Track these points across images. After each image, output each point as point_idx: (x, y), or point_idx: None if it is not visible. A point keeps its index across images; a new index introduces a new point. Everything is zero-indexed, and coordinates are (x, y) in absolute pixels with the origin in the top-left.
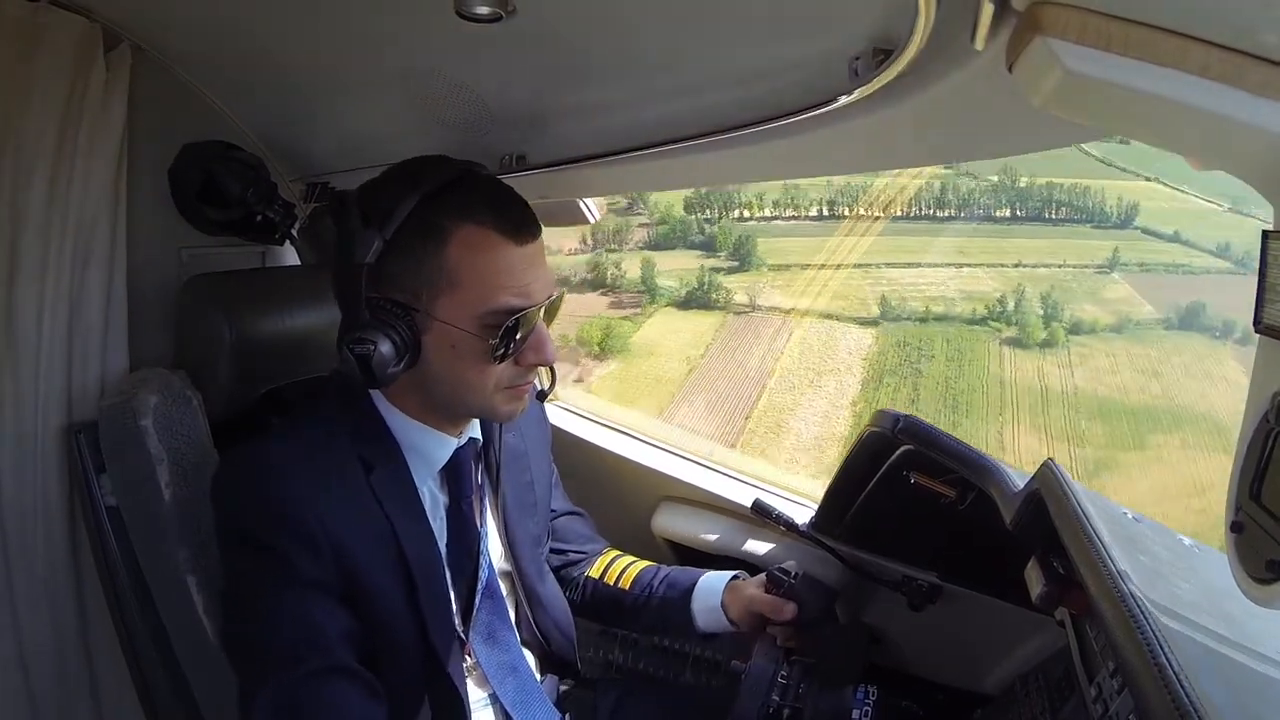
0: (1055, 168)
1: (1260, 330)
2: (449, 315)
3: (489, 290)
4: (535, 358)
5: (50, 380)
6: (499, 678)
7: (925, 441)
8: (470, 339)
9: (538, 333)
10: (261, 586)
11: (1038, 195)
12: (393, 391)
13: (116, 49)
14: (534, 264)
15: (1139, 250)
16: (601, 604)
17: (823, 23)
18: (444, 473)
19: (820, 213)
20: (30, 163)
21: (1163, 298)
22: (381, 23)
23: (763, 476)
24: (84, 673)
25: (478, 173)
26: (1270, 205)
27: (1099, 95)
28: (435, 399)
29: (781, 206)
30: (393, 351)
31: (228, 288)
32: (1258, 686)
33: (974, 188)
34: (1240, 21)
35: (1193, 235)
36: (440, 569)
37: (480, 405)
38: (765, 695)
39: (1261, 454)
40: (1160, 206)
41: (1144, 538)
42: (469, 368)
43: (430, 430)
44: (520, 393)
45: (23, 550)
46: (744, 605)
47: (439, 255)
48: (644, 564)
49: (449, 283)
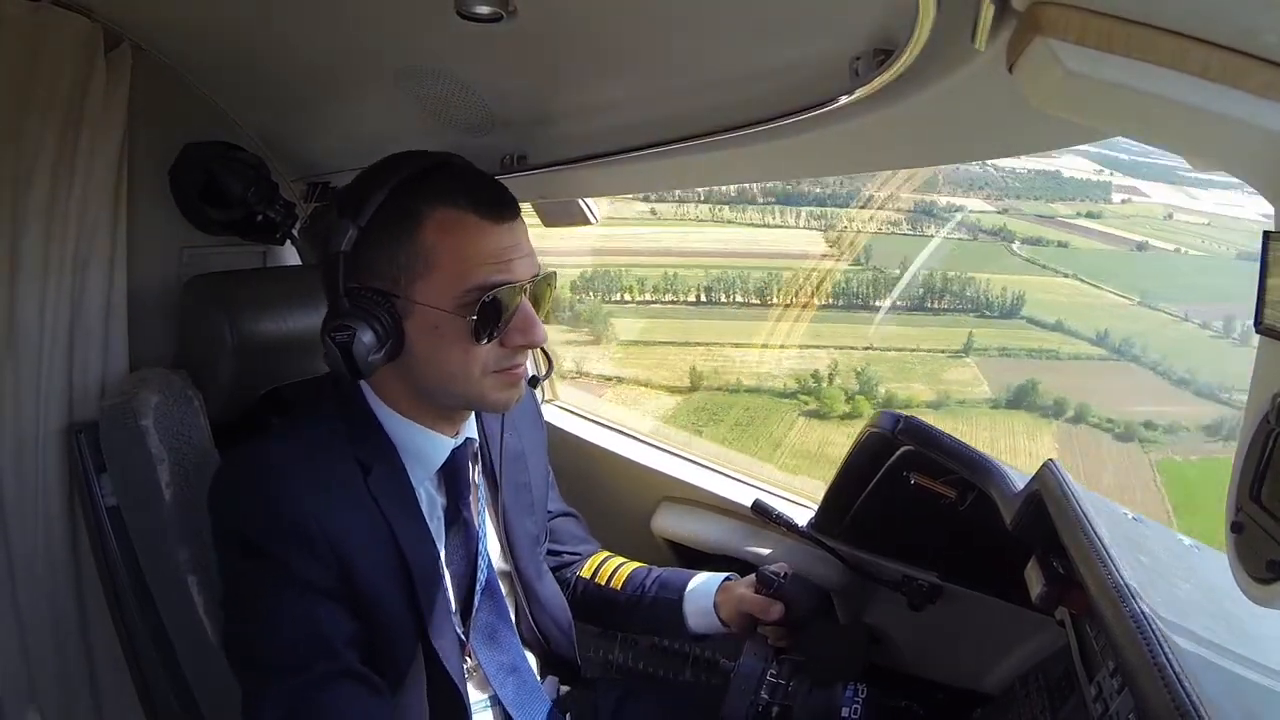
0: (982, 265)
1: (1260, 331)
2: (428, 298)
3: (466, 268)
4: (522, 339)
5: (51, 380)
6: (499, 678)
7: (925, 442)
8: (451, 319)
9: (523, 312)
10: (262, 591)
11: (922, 285)
12: (384, 388)
13: (117, 49)
14: (513, 241)
15: (1016, 337)
16: (593, 604)
17: (823, 23)
18: (441, 474)
19: (698, 299)
20: (31, 162)
21: (1005, 379)
22: (382, 22)
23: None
24: (84, 672)
25: (452, 160)
26: (1271, 205)
27: (1099, 96)
28: (424, 390)
29: (660, 292)
30: (374, 339)
31: (228, 288)
32: (1260, 699)
33: (867, 278)
34: (1242, 23)
35: (1075, 325)
36: (439, 570)
37: (469, 392)
38: (754, 693)
39: (1261, 454)
40: (1057, 300)
41: (1144, 538)
42: (453, 350)
43: (426, 430)
44: (511, 379)
45: (23, 550)
46: (734, 605)
47: (414, 239)
48: (635, 564)
49: (426, 265)
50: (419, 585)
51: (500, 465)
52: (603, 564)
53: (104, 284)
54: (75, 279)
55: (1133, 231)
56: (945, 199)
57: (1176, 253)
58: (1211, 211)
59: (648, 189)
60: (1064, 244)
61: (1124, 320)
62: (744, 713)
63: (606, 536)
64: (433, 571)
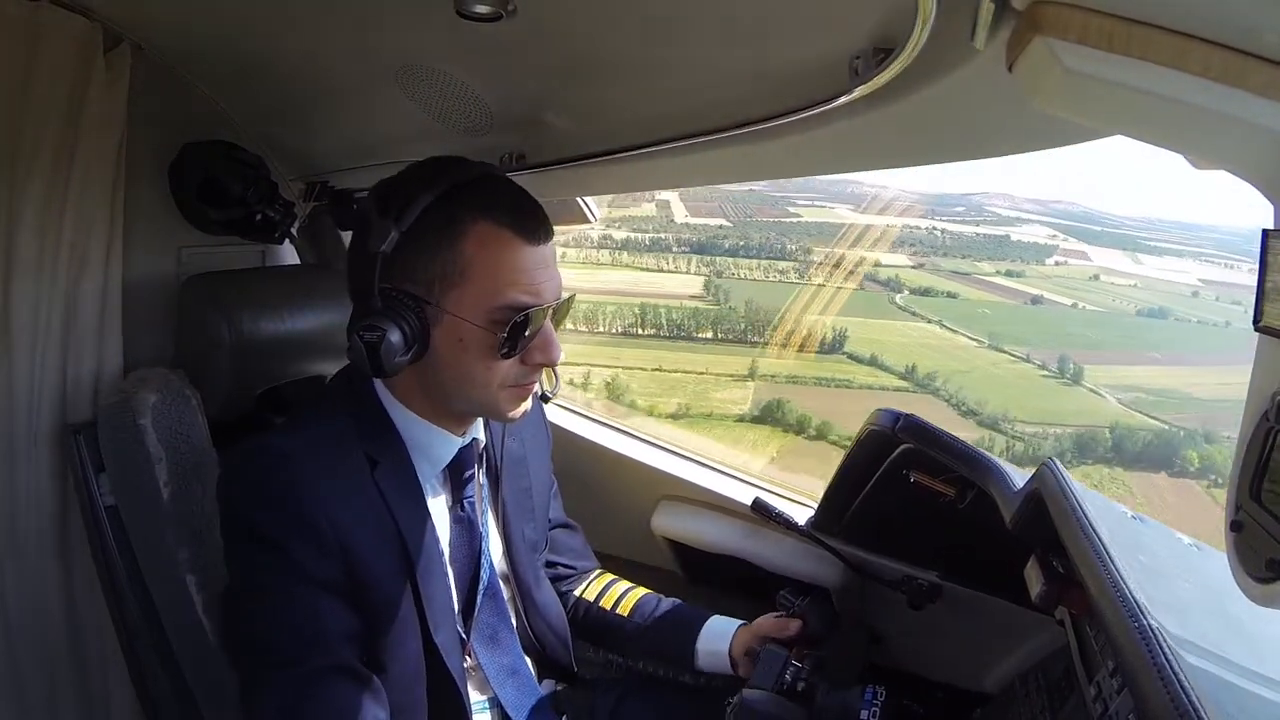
0: (852, 310)
1: (1260, 330)
2: (459, 309)
3: (501, 286)
4: (541, 357)
5: (46, 379)
6: (499, 680)
7: (925, 440)
8: (479, 333)
9: (544, 333)
10: (266, 581)
11: (751, 320)
12: (400, 387)
13: (116, 49)
14: (546, 265)
15: (832, 369)
16: (596, 627)
17: (823, 22)
18: (447, 471)
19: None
20: (29, 162)
21: (793, 401)
22: (381, 22)
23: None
24: (82, 672)
25: (496, 174)
26: (1271, 205)
27: (1099, 95)
28: (441, 394)
29: None
30: (402, 341)
31: (227, 287)
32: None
33: (711, 314)
34: (1242, 22)
35: (888, 360)
36: (442, 566)
37: (484, 402)
38: (780, 673)
39: (1261, 454)
40: (905, 341)
41: (1144, 537)
42: (475, 362)
43: (435, 428)
44: (524, 393)
45: (21, 550)
46: (750, 633)
47: (454, 249)
48: (644, 591)
49: (462, 277)
50: (421, 579)
51: (501, 468)
52: (609, 587)
53: (100, 283)
54: (71, 278)
55: (1037, 288)
56: (864, 253)
57: (1073, 307)
58: (1148, 275)
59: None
60: (953, 294)
61: (955, 360)
62: (772, 683)
63: (606, 536)
64: (436, 566)
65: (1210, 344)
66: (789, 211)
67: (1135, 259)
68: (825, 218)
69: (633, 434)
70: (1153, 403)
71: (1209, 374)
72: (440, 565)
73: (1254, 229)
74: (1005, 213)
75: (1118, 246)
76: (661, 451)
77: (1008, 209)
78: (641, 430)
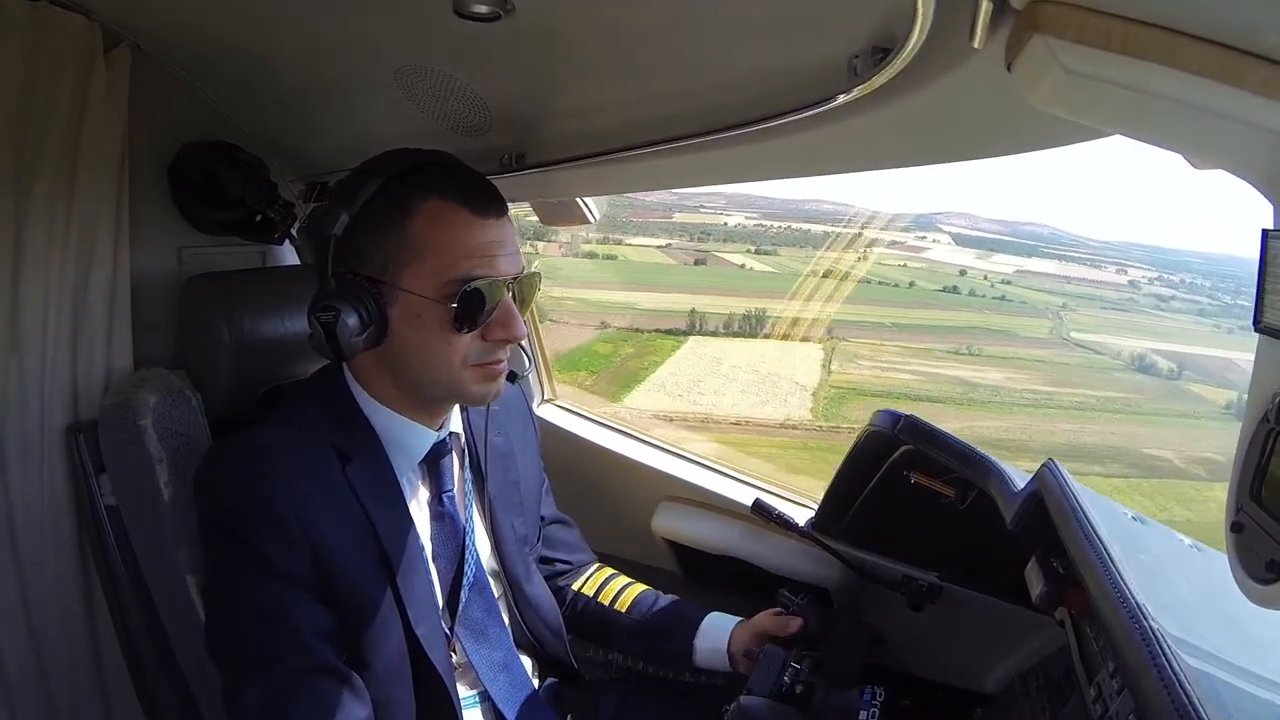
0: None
1: (1260, 330)
2: (414, 285)
3: (452, 258)
4: (502, 333)
5: (55, 380)
6: (490, 675)
7: (925, 441)
8: (434, 307)
9: (504, 307)
10: (238, 580)
11: None
12: (367, 378)
13: (116, 49)
14: (499, 237)
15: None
16: (592, 622)
17: (822, 22)
18: (424, 465)
19: None
20: (31, 162)
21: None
22: (381, 22)
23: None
24: (92, 671)
25: (447, 158)
26: (1270, 204)
27: (1098, 94)
28: (409, 380)
29: None
30: (358, 322)
31: (227, 288)
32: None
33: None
34: (1241, 20)
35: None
36: (422, 561)
37: (448, 382)
38: (778, 676)
39: (1261, 454)
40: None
41: (1144, 538)
42: (434, 338)
43: (408, 421)
44: (491, 373)
45: (32, 551)
46: (749, 630)
47: (404, 228)
48: (642, 587)
49: (414, 254)
50: (399, 575)
51: (486, 462)
52: (607, 583)
53: (107, 283)
54: (78, 279)
55: (754, 261)
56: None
57: (741, 268)
58: (938, 259)
59: (646, 188)
60: (612, 256)
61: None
62: (771, 684)
63: (607, 536)
64: (415, 561)
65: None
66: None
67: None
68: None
69: (633, 435)
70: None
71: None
72: (421, 560)
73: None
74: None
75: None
76: (662, 452)
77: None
78: None
